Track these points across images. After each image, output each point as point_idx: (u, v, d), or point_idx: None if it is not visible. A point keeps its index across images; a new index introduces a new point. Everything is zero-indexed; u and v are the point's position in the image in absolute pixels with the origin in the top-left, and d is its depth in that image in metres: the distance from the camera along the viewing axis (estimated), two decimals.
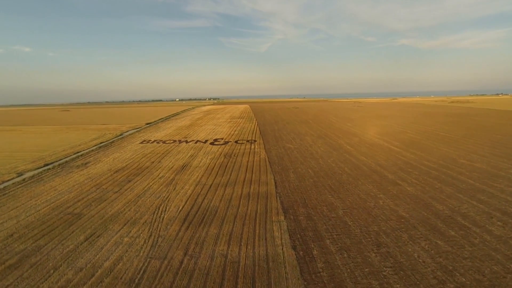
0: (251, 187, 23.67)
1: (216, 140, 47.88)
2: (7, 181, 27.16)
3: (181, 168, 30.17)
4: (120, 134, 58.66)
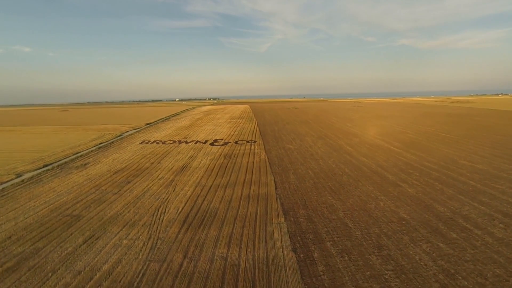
0: (251, 188, 23.55)
1: (216, 140, 47.76)
2: (6, 182, 27.03)
3: (181, 169, 30.04)
4: (120, 135, 58.52)
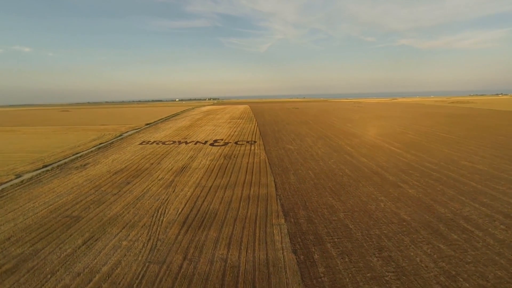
0: (251, 189, 23.49)
1: (215, 141, 47.69)
2: (6, 183, 26.97)
3: (181, 170, 29.97)
4: (120, 135, 58.47)
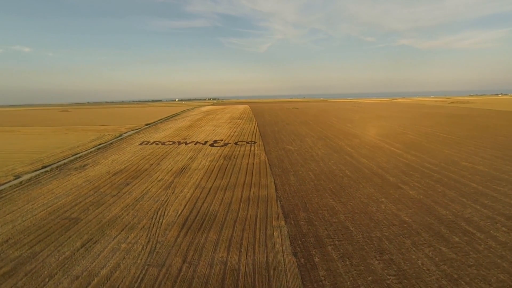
0: (251, 190, 23.36)
1: (215, 141, 47.56)
2: (4, 184, 26.84)
3: (180, 171, 29.85)
4: (119, 135, 58.32)
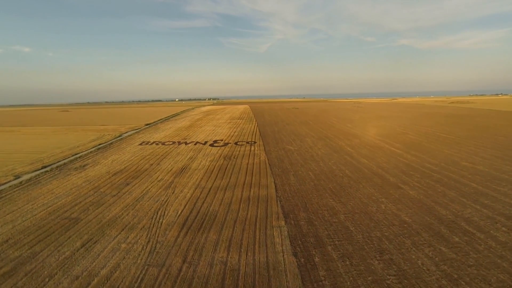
0: (251, 190, 23.36)
1: (215, 141, 47.56)
2: (4, 184, 26.84)
3: (180, 171, 29.85)
4: (119, 135, 58.32)
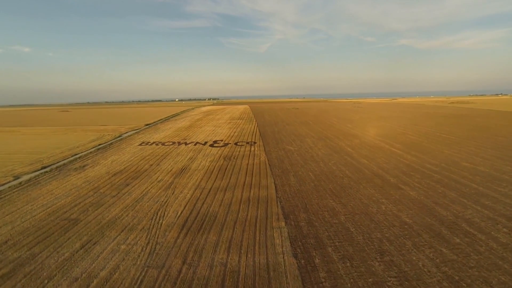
0: (251, 191, 23.30)
1: (215, 141, 47.50)
2: (4, 185, 26.77)
3: (180, 171, 29.78)
4: (119, 136, 58.25)
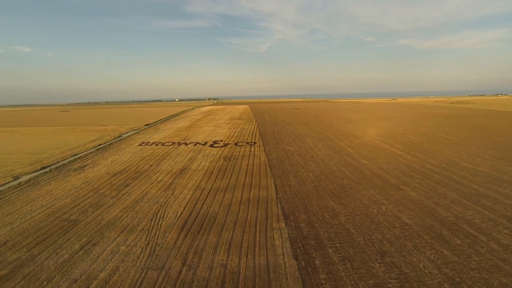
0: (251, 192, 23.24)
1: (215, 142, 47.44)
2: (3, 185, 26.71)
3: (180, 172, 29.73)
4: (119, 136, 58.19)
